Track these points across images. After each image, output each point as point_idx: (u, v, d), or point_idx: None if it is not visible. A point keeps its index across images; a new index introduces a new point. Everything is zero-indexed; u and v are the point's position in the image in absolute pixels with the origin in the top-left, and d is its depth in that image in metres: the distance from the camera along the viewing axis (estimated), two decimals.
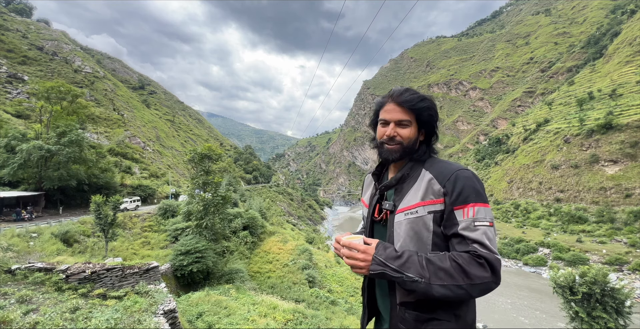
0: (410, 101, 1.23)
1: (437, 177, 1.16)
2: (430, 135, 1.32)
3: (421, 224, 1.16)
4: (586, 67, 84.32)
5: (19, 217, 17.63)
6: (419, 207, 1.17)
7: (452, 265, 1.00)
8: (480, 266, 0.99)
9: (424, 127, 1.29)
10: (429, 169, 1.21)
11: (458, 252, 1.05)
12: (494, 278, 0.99)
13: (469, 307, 1.14)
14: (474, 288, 0.97)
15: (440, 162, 1.24)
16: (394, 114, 1.26)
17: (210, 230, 17.34)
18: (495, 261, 1.00)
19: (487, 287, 0.98)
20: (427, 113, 1.25)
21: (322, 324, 11.00)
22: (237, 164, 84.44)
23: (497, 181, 67.15)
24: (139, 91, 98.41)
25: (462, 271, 0.98)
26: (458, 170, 1.15)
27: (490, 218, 1.08)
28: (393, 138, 1.26)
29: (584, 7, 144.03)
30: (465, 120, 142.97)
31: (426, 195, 1.16)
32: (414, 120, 1.26)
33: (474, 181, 1.12)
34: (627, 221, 37.06)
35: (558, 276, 12.10)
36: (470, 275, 0.97)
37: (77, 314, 5.23)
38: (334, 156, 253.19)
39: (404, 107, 1.24)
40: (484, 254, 1.00)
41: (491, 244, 1.04)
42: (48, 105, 24.83)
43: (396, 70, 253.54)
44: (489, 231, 1.06)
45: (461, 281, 0.97)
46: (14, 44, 53.80)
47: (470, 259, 1.00)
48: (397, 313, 1.21)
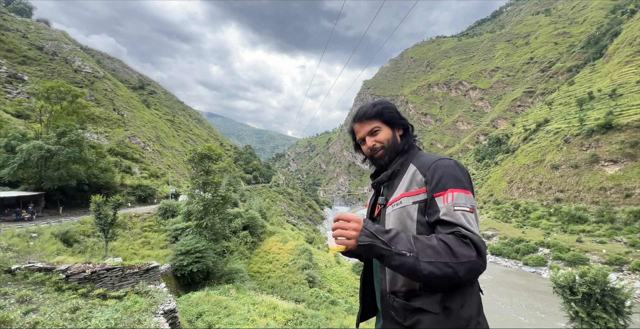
0: (365, 113, 1.36)
1: (420, 168, 1.21)
2: (404, 127, 1.40)
3: (405, 214, 1.18)
4: (586, 67, 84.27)
5: (19, 217, 17.62)
6: (403, 198, 1.21)
7: (439, 243, 0.99)
8: (466, 245, 0.99)
9: (394, 125, 1.38)
10: (414, 162, 1.27)
11: (443, 234, 1.05)
12: (480, 260, 0.98)
13: (463, 300, 1.08)
14: (461, 267, 0.95)
15: (426, 155, 1.29)
16: (362, 130, 1.38)
17: (210, 230, 17.34)
18: (479, 242, 0.99)
19: (473, 266, 0.97)
20: (386, 112, 1.35)
21: (322, 324, 11.00)
22: (237, 164, 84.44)
23: (497, 181, 67.16)
24: (139, 90, 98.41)
25: (449, 249, 0.98)
26: (439, 159, 1.19)
27: (470, 204, 1.09)
28: (374, 147, 1.36)
29: (584, 7, 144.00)
30: (465, 120, 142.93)
31: (410, 186, 1.21)
32: (380, 123, 1.36)
33: (454, 169, 1.15)
34: (627, 221, 37.05)
35: (558, 276, 12.09)
36: (457, 253, 0.97)
37: (77, 314, 5.23)
38: (334, 156, 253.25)
39: (365, 120, 1.37)
40: (468, 234, 1.00)
41: (472, 227, 1.04)
42: (48, 105, 24.81)
43: (396, 70, 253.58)
44: (470, 216, 1.07)
45: (448, 259, 0.96)
46: (14, 44, 53.78)
47: (456, 239, 1.00)
48: (386, 300, 1.23)
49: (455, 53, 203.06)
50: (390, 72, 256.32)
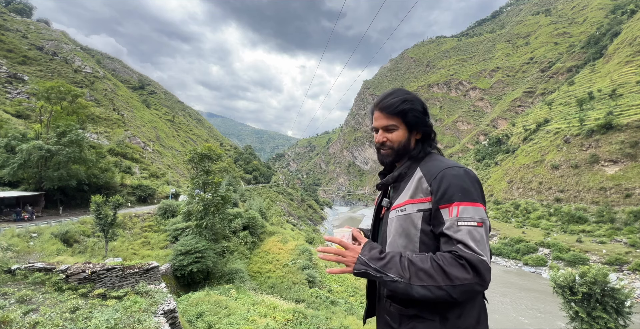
0: (391, 105, 1.24)
1: (426, 176, 1.16)
2: (425, 133, 1.31)
3: (409, 221, 1.16)
4: (586, 67, 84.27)
5: (19, 217, 17.63)
6: (408, 205, 1.17)
7: (432, 266, 0.98)
8: (461, 267, 0.96)
9: (414, 128, 1.28)
10: (422, 168, 1.21)
11: (441, 252, 1.03)
12: (478, 280, 0.94)
13: (463, 311, 1.07)
14: (455, 290, 0.94)
15: (435, 160, 1.22)
16: (379, 121, 1.29)
17: (210, 230, 17.33)
18: (478, 262, 0.95)
19: (469, 288, 0.94)
20: (411, 114, 1.24)
21: (322, 324, 10.99)
22: (237, 164, 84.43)
23: (497, 181, 67.16)
24: (139, 90, 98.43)
25: (442, 272, 0.96)
26: (447, 168, 1.12)
27: (479, 218, 1.03)
28: (384, 143, 1.29)
29: (584, 7, 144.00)
30: (465, 120, 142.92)
31: (416, 193, 1.16)
32: (400, 123, 1.26)
33: (462, 179, 1.08)
34: (627, 221, 37.06)
35: (558, 276, 12.10)
36: (450, 276, 0.95)
37: (77, 314, 5.23)
38: (334, 156, 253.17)
39: (386, 113, 1.26)
40: (466, 255, 0.97)
41: (476, 244, 0.99)
42: (48, 105, 24.82)
43: (396, 70, 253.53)
44: (475, 231, 1.01)
45: (441, 282, 0.95)
46: (14, 44, 53.80)
47: (452, 260, 0.97)
48: (383, 304, 1.23)
49: (455, 53, 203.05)
50: (390, 72, 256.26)
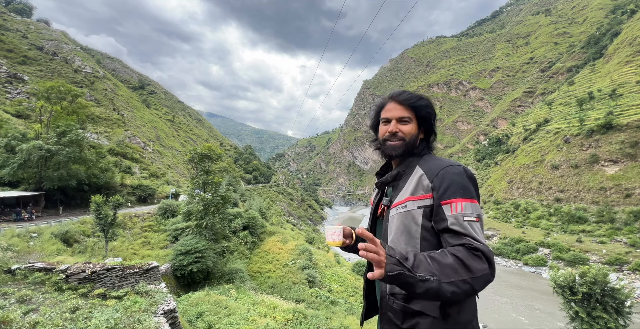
0: (409, 99, 1.32)
1: (427, 173, 1.20)
2: (429, 132, 1.38)
3: (410, 218, 1.19)
4: (586, 67, 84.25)
5: (19, 217, 17.62)
6: (408, 202, 1.21)
7: (454, 260, 0.98)
8: (478, 258, 0.99)
9: (423, 125, 1.35)
10: (422, 166, 1.26)
11: (453, 247, 1.05)
12: (491, 270, 0.99)
13: (462, 305, 1.11)
14: (477, 281, 0.96)
15: (434, 159, 1.28)
16: (395, 111, 1.33)
17: (210, 230, 17.34)
18: (488, 252, 1.01)
19: (487, 279, 0.98)
20: (425, 110, 1.32)
21: (322, 324, 11.00)
22: (237, 164, 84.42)
23: (497, 181, 67.13)
24: (139, 90, 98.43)
25: (464, 265, 0.97)
26: (447, 166, 1.18)
27: (477, 213, 1.10)
28: (395, 134, 1.32)
29: (584, 7, 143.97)
30: (465, 120, 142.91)
31: (416, 190, 1.21)
32: (414, 117, 1.33)
33: (462, 177, 1.14)
34: (627, 221, 37.05)
35: (558, 276, 12.10)
36: (472, 268, 0.96)
37: (77, 314, 5.23)
38: (334, 156, 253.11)
39: (404, 105, 1.32)
40: (479, 246, 1.01)
41: (481, 237, 1.06)
42: (48, 105, 24.82)
43: (396, 70, 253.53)
44: (476, 226, 1.08)
45: (465, 276, 0.95)
46: (14, 44, 53.78)
47: (468, 253, 1.00)
48: (386, 302, 1.23)
49: (455, 53, 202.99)
50: (390, 72, 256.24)
